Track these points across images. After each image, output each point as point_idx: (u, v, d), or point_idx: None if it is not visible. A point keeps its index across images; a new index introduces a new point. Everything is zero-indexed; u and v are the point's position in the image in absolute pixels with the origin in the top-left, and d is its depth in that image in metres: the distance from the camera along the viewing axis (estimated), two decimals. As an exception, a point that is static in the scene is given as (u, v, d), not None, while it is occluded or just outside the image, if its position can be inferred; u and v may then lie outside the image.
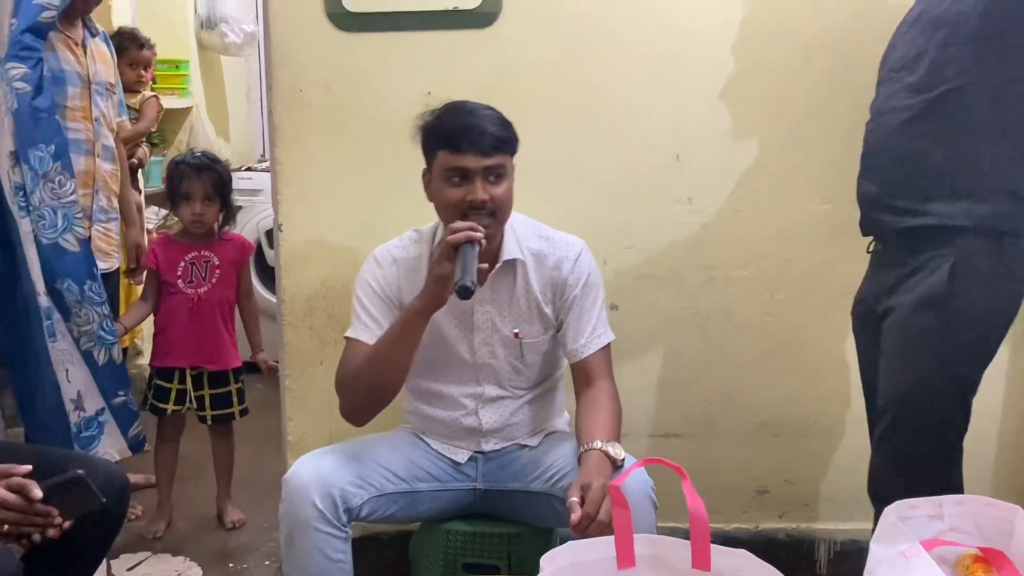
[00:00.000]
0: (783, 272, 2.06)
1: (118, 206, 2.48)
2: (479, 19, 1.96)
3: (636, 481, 1.47)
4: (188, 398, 2.44)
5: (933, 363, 1.53)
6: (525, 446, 1.73)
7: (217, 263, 2.42)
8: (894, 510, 1.20)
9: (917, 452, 1.56)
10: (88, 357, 2.20)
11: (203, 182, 2.35)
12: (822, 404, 2.11)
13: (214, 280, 2.41)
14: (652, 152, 2.03)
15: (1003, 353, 2.06)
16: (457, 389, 1.71)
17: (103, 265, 2.36)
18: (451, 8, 1.96)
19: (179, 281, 2.40)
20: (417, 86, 1.97)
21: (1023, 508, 1.17)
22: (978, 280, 1.49)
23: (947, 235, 1.50)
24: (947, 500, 1.23)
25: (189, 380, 2.43)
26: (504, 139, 1.57)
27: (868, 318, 1.67)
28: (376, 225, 1.92)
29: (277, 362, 2.25)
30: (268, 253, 3.58)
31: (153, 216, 3.39)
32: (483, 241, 1.50)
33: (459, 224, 1.50)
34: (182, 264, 2.40)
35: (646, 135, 2.03)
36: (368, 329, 1.63)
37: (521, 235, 1.69)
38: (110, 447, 2.23)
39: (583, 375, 1.66)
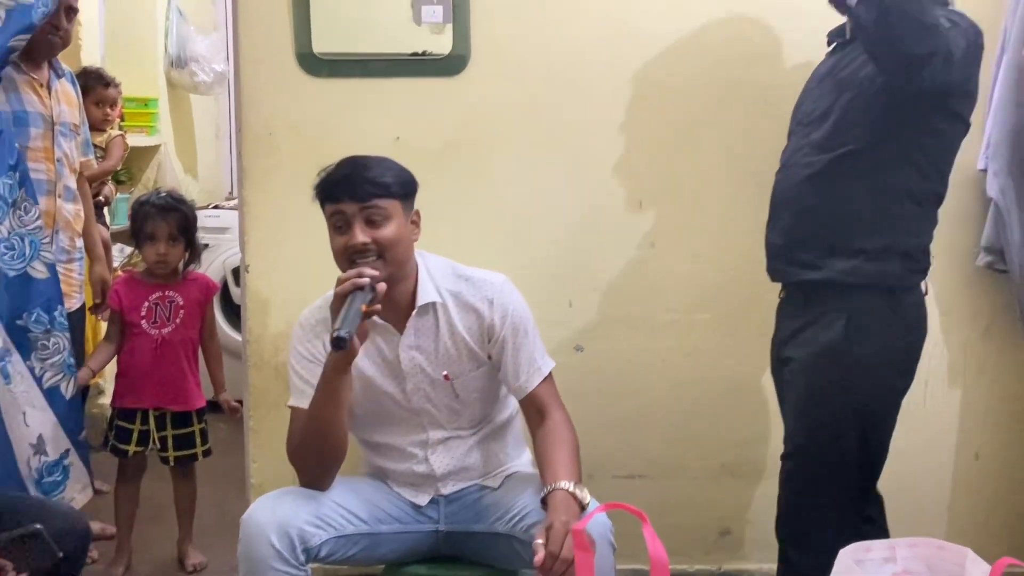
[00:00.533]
0: (743, 315, 2.10)
1: (82, 245, 2.47)
2: (448, 67, 2.00)
3: (595, 524, 1.48)
4: (151, 439, 2.41)
5: (834, 414, 1.59)
6: (486, 487, 1.74)
7: (181, 303, 2.41)
8: (849, 553, 1.23)
9: (820, 496, 1.62)
10: (54, 394, 2.16)
11: (167, 223, 2.35)
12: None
13: (178, 320, 2.40)
14: (616, 198, 2.08)
15: (955, 394, 2.14)
16: (403, 439, 1.71)
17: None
18: (420, 52, 2.01)
19: (143, 321, 2.38)
20: (386, 131, 2.00)
21: (972, 551, 1.21)
22: (873, 334, 1.56)
23: (842, 291, 1.57)
24: (900, 543, 1.26)
25: (152, 421, 2.40)
26: (383, 185, 1.58)
27: (776, 365, 1.75)
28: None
29: (240, 402, 2.25)
30: (234, 291, 3.56)
31: (119, 254, 3.37)
32: (377, 286, 1.49)
33: (344, 275, 1.51)
34: (146, 304, 2.38)
35: (610, 182, 2.07)
36: (304, 395, 1.63)
37: (438, 277, 1.69)
38: (76, 491, 2.20)
39: (533, 409, 1.67)
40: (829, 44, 1.73)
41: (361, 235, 1.55)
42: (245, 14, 1.98)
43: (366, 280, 1.48)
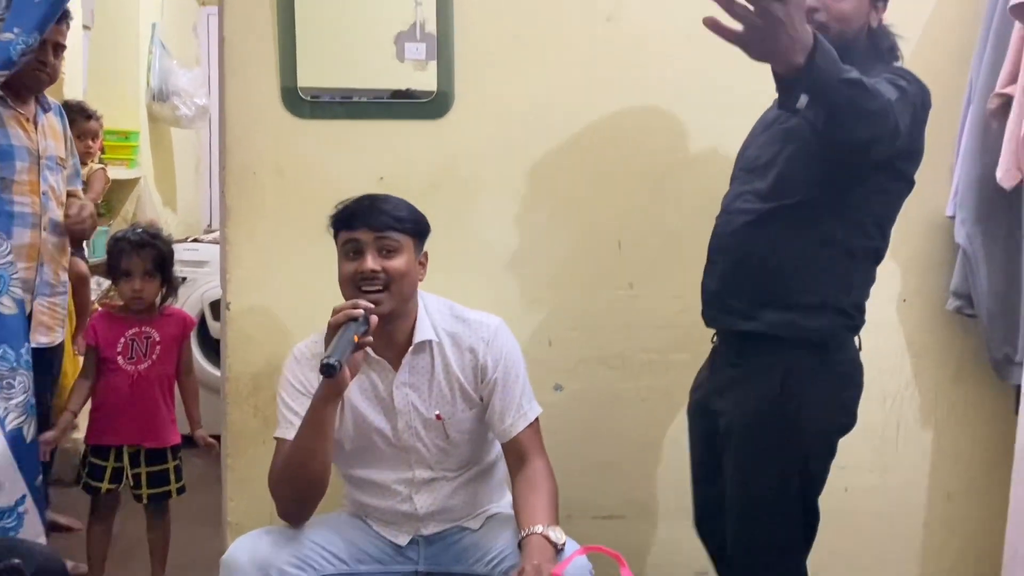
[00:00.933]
0: (720, 356, 2.13)
1: (66, 279, 2.46)
2: (432, 110, 2.04)
3: (575, 567, 1.49)
4: (124, 476, 2.39)
5: (774, 469, 1.58)
6: (467, 529, 1.74)
7: (158, 339, 2.40)
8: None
9: (767, 549, 1.63)
10: (15, 436, 2.12)
11: (142, 259, 2.35)
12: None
13: (154, 356, 2.39)
14: (595, 239, 2.11)
15: (928, 436, 2.18)
16: (388, 475, 1.72)
17: (46, 339, 2.33)
18: (403, 89, 2.04)
19: (119, 357, 2.37)
20: (370, 171, 2.02)
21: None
22: (809, 390, 1.55)
23: (776, 344, 1.55)
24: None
25: (126, 457, 2.38)
26: (399, 218, 1.64)
27: (701, 408, 1.75)
28: (324, 307, 1.93)
29: (216, 437, 2.23)
30: (212, 325, 3.55)
31: (96, 287, 3.35)
32: (371, 319, 1.52)
33: (340, 305, 1.55)
34: (122, 340, 2.37)
35: (590, 223, 2.11)
36: (292, 427, 1.63)
37: (436, 316, 1.72)
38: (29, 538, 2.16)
39: (515, 454, 1.69)
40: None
41: (373, 262, 1.60)
42: (231, 52, 2.01)
43: (360, 311, 1.51)
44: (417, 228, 1.68)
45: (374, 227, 1.62)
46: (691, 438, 1.83)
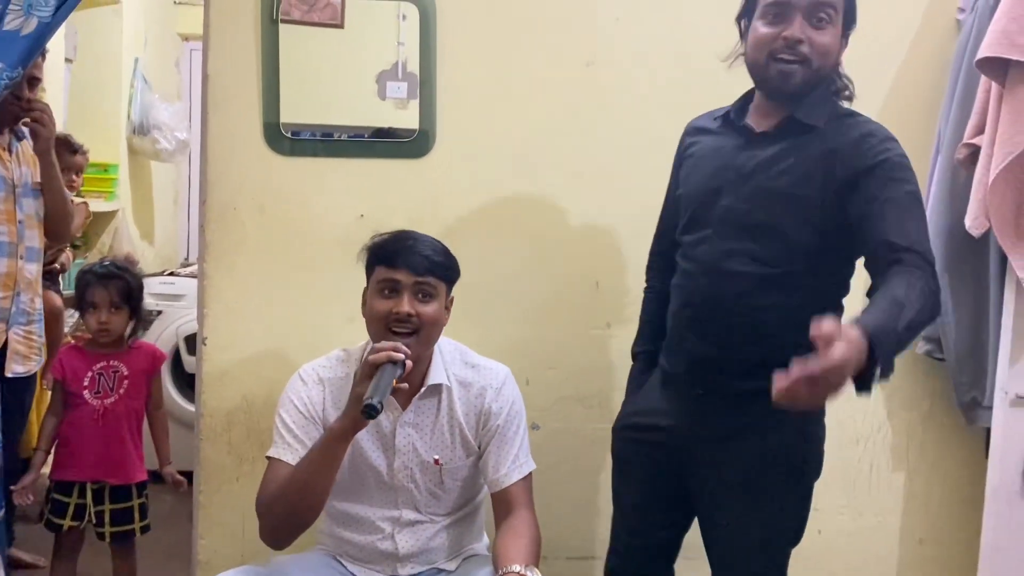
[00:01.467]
0: (696, 397, 2.14)
1: (41, 307, 2.43)
2: (413, 149, 2.06)
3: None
4: (88, 513, 2.34)
5: (786, 516, 1.62)
6: (443, 570, 1.73)
7: (126, 373, 2.36)
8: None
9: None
10: None
11: (109, 291, 2.32)
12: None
13: (122, 391, 2.35)
14: (573, 279, 2.13)
15: (899, 479, 2.19)
16: (374, 512, 1.70)
17: (21, 369, 2.29)
18: (385, 127, 2.06)
19: (85, 392, 2.32)
20: (351, 209, 2.04)
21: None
22: (813, 436, 1.62)
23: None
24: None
25: (89, 494, 2.33)
26: (439, 264, 1.64)
27: (663, 447, 1.67)
28: (302, 344, 1.95)
29: (187, 474, 2.20)
30: (187, 359, 3.51)
31: (71, 319, 3.32)
32: (407, 363, 1.51)
33: (382, 344, 1.53)
34: (89, 374, 2.33)
35: (567, 263, 2.13)
36: (291, 449, 1.62)
37: (449, 360, 1.72)
38: None
39: (503, 504, 1.67)
40: (733, 115, 1.64)
41: (408, 305, 1.59)
42: (215, 87, 2.02)
43: (401, 355, 1.49)
44: (452, 275, 1.68)
45: (416, 270, 1.60)
46: (628, 486, 1.75)
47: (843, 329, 1.19)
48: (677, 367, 1.66)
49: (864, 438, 2.18)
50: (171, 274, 3.81)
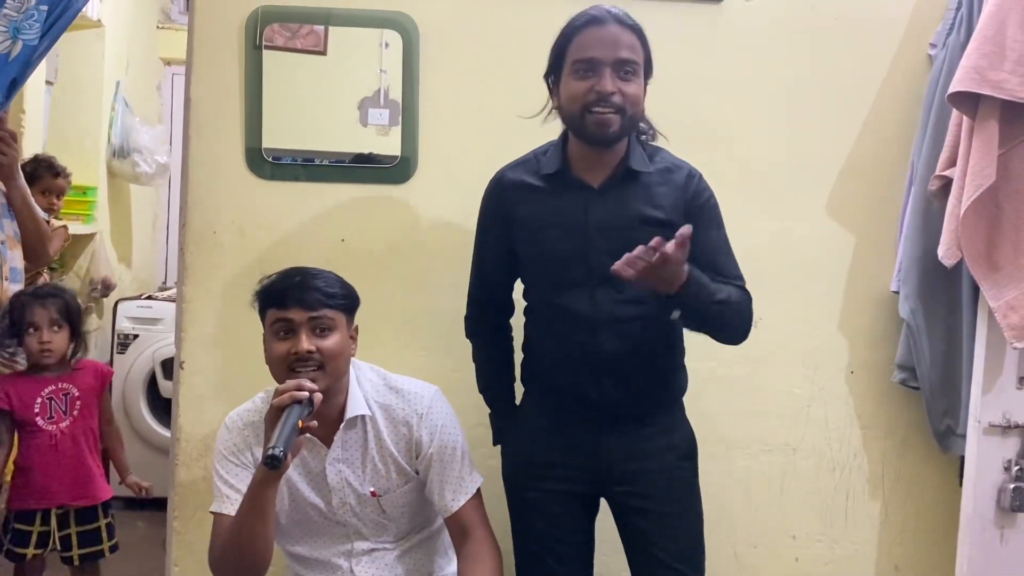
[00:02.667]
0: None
1: None
2: (395, 175, 2.07)
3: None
4: (52, 540, 2.29)
5: (698, 509, 1.76)
6: (414, 598, 1.71)
7: (77, 394, 2.34)
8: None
9: None
10: None
11: (47, 309, 2.30)
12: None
13: (75, 412, 2.32)
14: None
15: (876, 507, 2.20)
16: (327, 550, 1.69)
17: None
18: (366, 153, 2.07)
19: (38, 418, 2.28)
20: (332, 234, 2.04)
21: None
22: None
23: (671, 402, 1.77)
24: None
25: (54, 520, 2.29)
26: (332, 295, 1.60)
27: (578, 480, 1.71)
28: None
29: (156, 500, 2.17)
30: (163, 384, 3.48)
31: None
32: (315, 398, 1.48)
33: (284, 385, 1.49)
34: (39, 400, 2.30)
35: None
36: (229, 500, 1.60)
37: (369, 388, 1.68)
38: None
39: (458, 528, 1.66)
40: (560, 171, 1.69)
41: (307, 343, 1.55)
42: (197, 111, 2.02)
43: (305, 393, 1.46)
44: (349, 304, 1.64)
45: (307, 306, 1.56)
46: (546, 521, 1.72)
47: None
48: (580, 408, 1.69)
49: (840, 466, 2.20)
50: (148, 298, 3.79)
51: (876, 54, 2.17)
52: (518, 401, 1.84)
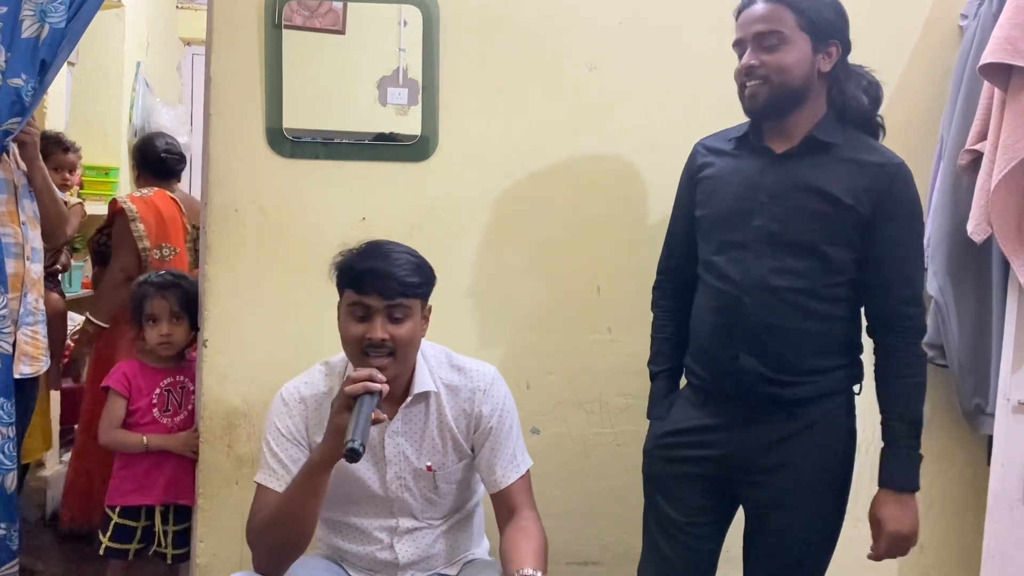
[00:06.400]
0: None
1: (43, 306, 2.42)
2: (415, 153, 2.06)
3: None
4: (155, 536, 2.19)
5: (837, 514, 1.70)
6: (444, 575, 1.72)
7: (192, 388, 2.22)
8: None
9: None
10: None
11: (168, 301, 2.21)
12: (737, 533, 2.16)
13: (190, 407, 2.21)
14: (574, 283, 2.13)
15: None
16: (371, 523, 1.69)
17: (29, 370, 2.24)
18: (386, 132, 2.06)
19: (154, 410, 2.20)
20: (352, 212, 2.04)
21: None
22: (854, 436, 1.73)
23: (822, 399, 1.66)
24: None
25: (158, 517, 2.20)
26: (410, 284, 1.58)
27: (712, 462, 1.70)
28: (302, 346, 1.94)
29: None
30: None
31: (71, 323, 3.31)
32: (383, 390, 1.47)
33: (358, 374, 1.48)
34: (157, 391, 2.21)
35: (569, 268, 2.13)
36: (276, 475, 1.60)
37: (434, 365, 1.69)
38: None
39: (505, 506, 1.67)
40: (753, 137, 1.69)
41: (382, 331, 1.55)
42: (217, 91, 2.02)
43: (378, 386, 1.46)
44: (427, 289, 1.64)
45: (387, 295, 1.55)
46: (671, 504, 1.74)
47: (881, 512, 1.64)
48: (722, 383, 1.68)
49: (866, 444, 2.16)
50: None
51: (905, 25, 2.13)
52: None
